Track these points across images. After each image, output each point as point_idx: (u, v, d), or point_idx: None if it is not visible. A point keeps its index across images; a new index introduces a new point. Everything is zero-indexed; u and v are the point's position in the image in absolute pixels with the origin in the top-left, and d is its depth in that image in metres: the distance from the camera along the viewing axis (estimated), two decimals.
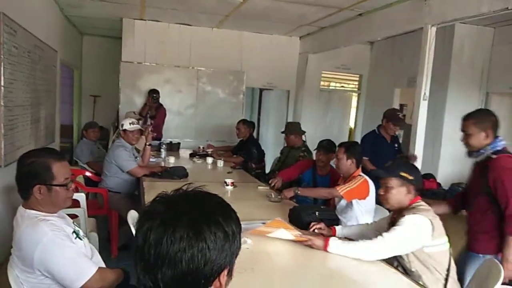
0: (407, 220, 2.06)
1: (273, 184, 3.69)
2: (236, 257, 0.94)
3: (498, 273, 2.05)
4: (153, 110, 6.14)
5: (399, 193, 2.19)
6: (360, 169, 3.22)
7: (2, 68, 3.30)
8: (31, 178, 1.72)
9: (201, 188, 0.95)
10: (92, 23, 6.95)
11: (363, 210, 3.09)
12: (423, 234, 2.04)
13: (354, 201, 3.05)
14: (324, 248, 2.14)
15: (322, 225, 2.48)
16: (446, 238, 2.11)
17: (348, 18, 5.43)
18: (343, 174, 3.22)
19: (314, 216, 2.57)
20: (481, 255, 2.38)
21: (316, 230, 2.45)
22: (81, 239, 1.86)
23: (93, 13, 6.13)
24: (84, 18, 6.55)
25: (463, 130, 2.54)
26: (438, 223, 2.08)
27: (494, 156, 2.40)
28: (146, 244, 0.85)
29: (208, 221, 0.87)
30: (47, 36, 5.00)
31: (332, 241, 2.14)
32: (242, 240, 2.21)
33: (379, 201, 3.12)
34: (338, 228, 2.51)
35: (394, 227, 2.08)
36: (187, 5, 5.35)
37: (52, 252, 1.64)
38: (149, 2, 5.32)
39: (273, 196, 3.40)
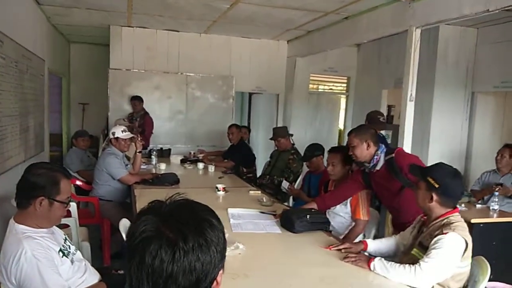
0: (447, 242, 1.96)
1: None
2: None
3: (486, 270, 2.12)
4: (141, 118, 6.11)
5: (423, 196, 2.15)
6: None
7: None
8: (37, 189, 1.74)
9: (184, 196, 0.96)
10: (79, 31, 6.92)
11: None
12: (457, 255, 1.99)
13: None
14: (367, 266, 2.08)
15: (347, 245, 2.36)
16: (470, 259, 2.08)
17: (334, 21, 5.50)
18: (335, 179, 3.25)
19: (306, 220, 2.60)
20: None
21: (342, 251, 2.31)
22: (67, 257, 1.87)
23: (80, 21, 6.11)
24: (71, 26, 6.52)
25: (348, 144, 2.87)
26: (471, 243, 2.03)
27: (392, 155, 2.72)
28: (154, 265, 0.83)
29: (209, 226, 0.89)
30: (34, 46, 4.98)
31: (378, 261, 2.07)
32: (234, 245, 2.25)
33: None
34: (369, 242, 2.42)
35: (436, 250, 1.96)
36: (174, 11, 5.37)
37: (28, 273, 1.65)
38: (136, 9, 5.33)
39: (264, 200, 3.43)
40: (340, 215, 3.09)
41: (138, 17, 5.81)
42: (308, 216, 2.63)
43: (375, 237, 3.17)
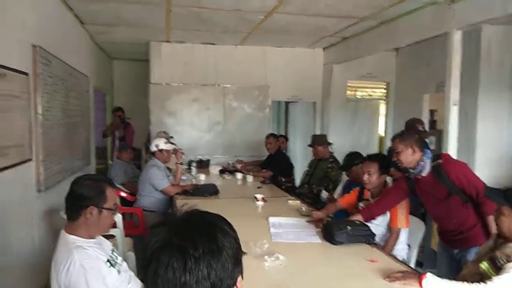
0: None
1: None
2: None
3: None
4: (121, 130, 6.21)
5: (509, 222, 1.97)
6: (388, 185, 3.19)
7: (39, 97, 3.48)
8: (86, 199, 1.83)
9: (193, 207, 0.98)
10: (120, 47, 7.21)
11: None
12: None
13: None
14: (419, 283, 1.93)
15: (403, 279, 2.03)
16: None
17: (370, 26, 5.42)
18: (370, 188, 3.15)
19: (346, 231, 2.55)
20: (478, 245, 2.42)
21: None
22: (114, 267, 1.93)
23: (121, 38, 6.37)
24: (113, 43, 6.80)
25: (393, 149, 2.80)
26: None
27: (439, 161, 2.66)
28: (168, 275, 0.83)
29: (221, 231, 0.89)
30: (79, 63, 5.23)
31: (430, 277, 1.92)
32: (274, 256, 2.24)
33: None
34: (430, 277, 1.95)
35: (507, 275, 1.80)
36: (210, 25, 5.48)
37: (75, 282, 1.71)
38: (174, 24, 5.49)
39: (303, 209, 3.40)
40: (381, 226, 3.00)
41: (175, 32, 5.97)
42: (349, 228, 2.57)
43: (421, 247, 3.06)
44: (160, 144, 4.15)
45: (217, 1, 4.41)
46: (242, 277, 0.93)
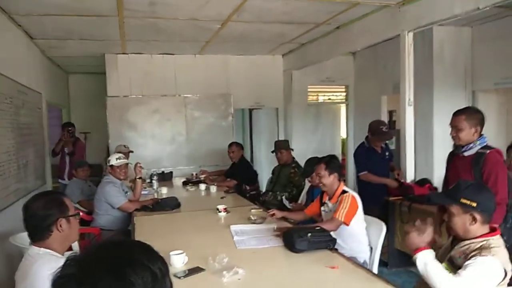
0: (487, 265, 1.80)
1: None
2: None
3: None
4: (70, 146, 6.04)
5: (462, 221, 1.93)
6: (342, 183, 3.18)
7: None
8: (52, 215, 1.81)
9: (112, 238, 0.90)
10: (75, 61, 6.99)
11: (360, 226, 3.04)
12: (494, 283, 1.81)
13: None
14: (415, 251, 1.91)
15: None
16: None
17: (326, 32, 5.48)
18: (327, 190, 3.16)
19: (306, 238, 2.51)
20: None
21: None
22: None
23: (75, 52, 6.16)
24: (66, 57, 6.58)
25: (454, 125, 2.74)
26: (510, 273, 1.85)
27: (486, 151, 2.65)
28: None
29: (131, 265, 0.79)
30: (29, 80, 5.01)
31: (428, 252, 1.90)
32: (233, 270, 2.17)
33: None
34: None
35: (473, 267, 1.80)
36: (167, 35, 5.38)
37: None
38: (129, 36, 5.36)
39: (252, 218, 3.34)
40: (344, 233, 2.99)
41: (132, 43, 5.84)
42: (309, 235, 2.53)
43: (386, 247, 3.05)
44: (111, 159, 4.01)
45: (172, 11, 4.33)
46: None
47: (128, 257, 0.81)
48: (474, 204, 1.90)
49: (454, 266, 1.92)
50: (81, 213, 4.30)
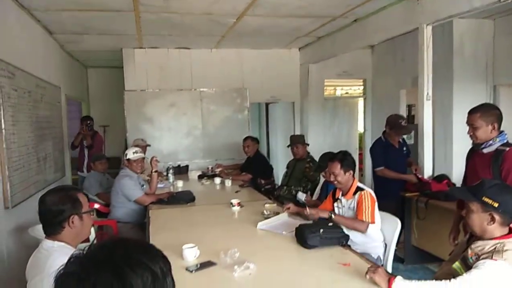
0: (493, 270, 1.75)
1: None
2: None
3: None
4: (88, 139, 6.10)
5: (480, 219, 1.90)
6: (356, 179, 3.15)
7: (2, 112, 3.36)
8: (65, 211, 1.84)
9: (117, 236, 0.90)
10: (93, 56, 7.08)
11: (375, 222, 3.01)
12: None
13: None
14: (389, 285, 1.86)
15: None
16: None
17: (343, 25, 5.40)
18: (342, 187, 3.12)
19: (318, 234, 2.50)
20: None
21: None
22: None
23: (93, 46, 6.24)
24: (85, 52, 6.68)
25: (470, 123, 2.70)
26: None
27: (506, 148, 2.60)
28: None
29: (131, 265, 0.80)
30: (48, 74, 5.10)
31: (399, 280, 1.85)
32: (244, 265, 2.18)
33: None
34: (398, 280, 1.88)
35: (477, 269, 1.77)
36: (183, 30, 5.40)
37: None
38: (146, 30, 5.39)
39: (266, 212, 3.34)
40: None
41: (148, 38, 5.88)
42: (321, 231, 2.52)
43: (402, 244, 3.02)
44: (128, 153, 4.06)
45: (187, 6, 4.34)
46: None
47: (128, 256, 0.82)
48: (496, 205, 1.85)
49: (467, 266, 1.89)
50: (98, 206, 4.44)
